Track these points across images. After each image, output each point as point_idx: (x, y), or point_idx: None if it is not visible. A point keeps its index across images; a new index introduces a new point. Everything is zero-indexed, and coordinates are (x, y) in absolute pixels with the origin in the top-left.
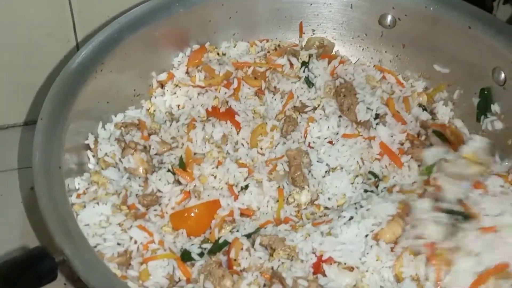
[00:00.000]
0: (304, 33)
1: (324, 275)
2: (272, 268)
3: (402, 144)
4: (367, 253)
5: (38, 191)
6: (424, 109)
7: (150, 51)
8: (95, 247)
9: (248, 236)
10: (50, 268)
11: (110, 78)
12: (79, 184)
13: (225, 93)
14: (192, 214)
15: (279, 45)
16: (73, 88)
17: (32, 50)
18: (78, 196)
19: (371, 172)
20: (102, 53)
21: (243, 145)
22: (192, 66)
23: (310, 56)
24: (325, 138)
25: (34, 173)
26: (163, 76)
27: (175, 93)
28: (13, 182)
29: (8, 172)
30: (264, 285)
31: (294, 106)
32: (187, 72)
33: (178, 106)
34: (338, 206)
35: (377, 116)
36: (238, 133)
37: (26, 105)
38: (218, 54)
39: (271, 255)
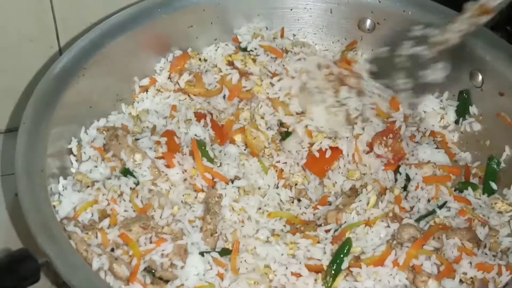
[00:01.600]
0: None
1: None
2: None
3: None
4: None
5: (21, 194)
6: None
7: (132, 56)
8: None
9: None
10: (33, 269)
11: (92, 83)
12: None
13: None
14: None
15: None
16: (55, 93)
17: (15, 56)
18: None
19: None
20: (84, 59)
21: None
22: (175, 72)
23: None
24: None
25: (17, 176)
26: (145, 81)
27: (156, 98)
28: None
29: None
30: None
31: None
32: (169, 77)
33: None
34: None
35: None
36: None
37: (8, 112)
38: (200, 60)
39: None
